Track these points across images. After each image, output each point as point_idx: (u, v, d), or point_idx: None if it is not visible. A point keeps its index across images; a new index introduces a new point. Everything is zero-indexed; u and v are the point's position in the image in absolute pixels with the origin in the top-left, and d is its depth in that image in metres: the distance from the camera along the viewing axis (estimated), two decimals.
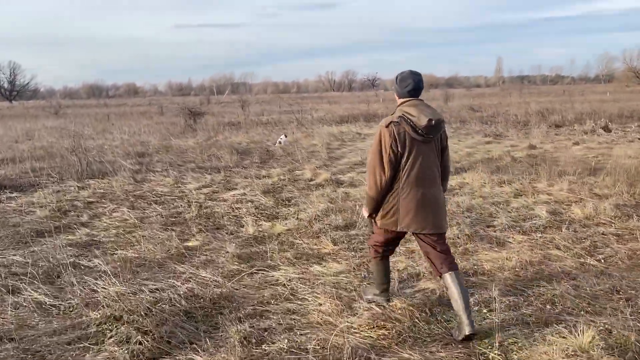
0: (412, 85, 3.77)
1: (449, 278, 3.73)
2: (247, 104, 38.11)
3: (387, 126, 3.70)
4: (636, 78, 78.47)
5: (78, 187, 9.66)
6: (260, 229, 6.63)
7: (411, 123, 3.65)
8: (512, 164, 10.74)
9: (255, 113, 32.66)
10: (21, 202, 8.46)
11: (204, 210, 7.68)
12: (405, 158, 3.69)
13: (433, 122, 3.63)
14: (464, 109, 29.08)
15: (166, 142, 16.69)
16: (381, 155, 3.70)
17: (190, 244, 6.16)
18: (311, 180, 9.79)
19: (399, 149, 3.67)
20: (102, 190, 9.38)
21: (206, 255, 5.71)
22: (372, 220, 4.05)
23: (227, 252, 5.67)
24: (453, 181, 9.13)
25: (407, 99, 3.79)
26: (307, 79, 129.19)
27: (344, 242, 5.97)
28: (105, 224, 7.10)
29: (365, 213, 4.03)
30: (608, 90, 53.66)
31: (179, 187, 9.60)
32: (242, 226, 6.82)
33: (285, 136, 16.27)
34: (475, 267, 5.09)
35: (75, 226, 7.06)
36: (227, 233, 6.57)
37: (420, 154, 3.70)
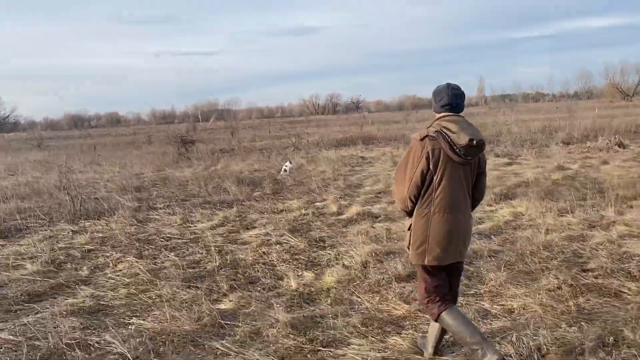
0: (447, 100, 3.35)
1: (455, 310, 3.42)
2: (236, 130, 37.17)
3: (421, 139, 3.28)
4: (620, 93, 79.09)
5: (72, 231, 8.39)
6: (303, 282, 5.45)
7: (449, 140, 3.21)
8: (555, 189, 9.69)
9: (246, 139, 31.54)
10: (7, 253, 7.18)
11: (226, 257, 6.49)
12: (438, 179, 3.26)
13: (475, 142, 3.17)
14: None
15: (162, 174, 15.47)
16: (406, 170, 3.33)
17: (223, 306, 4.97)
18: (338, 214, 8.65)
19: (431, 168, 3.24)
20: (100, 234, 8.13)
21: (249, 324, 4.50)
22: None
23: (277, 319, 4.47)
24: (503, 210, 8.05)
25: (446, 114, 3.36)
26: (291, 102, 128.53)
27: (416, 299, 4.80)
28: (112, 281, 5.86)
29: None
30: (596, 106, 53.48)
31: (189, 227, 8.39)
32: (280, 279, 5.64)
33: (290, 163, 15.15)
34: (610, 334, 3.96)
35: (74, 285, 5.82)
36: (263, 289, 5.38)
37: (456, 176, 3.29)
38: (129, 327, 4.62)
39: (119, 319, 4.84)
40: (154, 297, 5.32)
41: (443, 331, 3.57)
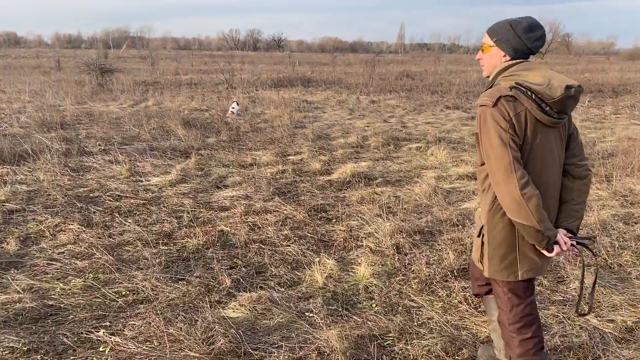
0: (541, 39, 2.30)
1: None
2: (156, 60, 34.17)
3: (494, 105, 2.20)
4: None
5: None
6: (326, 274, 4.14)
7: (535, 96, 2.21)
8: None
9: (169, 71, 28.91)
10: None
11: (207, 229, 5.01)
12: (526, 156, 2.24)
13: (572, 90, 2.18)
14: (397, 77, 27.15)
15: (84, 107, 13.23)
16: (504, 154, 2.18)
17: (232, 313, 3.57)
18: (326, 173, 7.31)
19: (519, 139, 2.22)
20: (25, 187, 6.29)
21: (282, 348, 3.16)
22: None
23: (326, 342, 3.14)
24: None
25: (520, 61, 2.32)
26: (209, 35, 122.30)
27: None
28: (57, 266, 4.23)
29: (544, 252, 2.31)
30: None
31: (140, 181, 6.73)
32: (295, 267, 4.29)
33: (238, 104, 13.44)
34: None
35: (0, 270, 4.15)
36: (278, 284, 4.02)
37: (547, 146, 2.28)
38: (99, 347, 3.13)
39: (79, 331, 3.33)
40: (125, 294, 3.81)
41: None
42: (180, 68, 32.69)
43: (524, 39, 2.28)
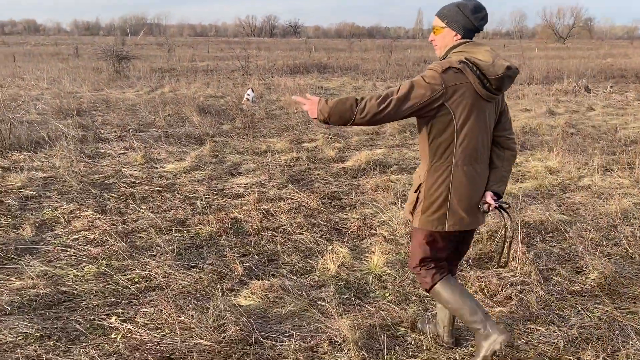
0: (485, 19, 2.60)
1: (452, 281, 2.78)
2: (172, 47, 34.24)
3: (443, 72, 2.47)
4: (554, 35, 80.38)
5: (1, 167, 6.52)
6: (339, 262, 4.10)
7: (479, 72, 2.47)
8: (569, 139, 8.68)
9: (186, 58, 28.94)
10: None
11: (220, 216, 4.99)
12: (461, 121, 2.52)
13: (511, 71, 2.48)
14: (414, 63, 26.84)
15: (101, 94, 13.29)
16: (410, 92, 2.45)
17: (244, 301, 3.55)
18: (340, 160, 7.25)
19: (451, 108, 2.48)
20: (41, 173, 6.33)
21: (292, 336, 3.13)
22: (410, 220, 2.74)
23: (337, 331, 3.11)
24: (530, 163, 6.95)
25: (467, 40, 2.59)
26: (225, 22, 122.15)
27: (514, 296, 3.58)
28: (71, 252, 4.25)
29: (311, 114, 2.63)
30: (532, 47, 53.63)
31: (154, 167, 6.74)
32: (308, 255, 4.26)
33: (253, 91, 13.39)
34: None
35: (16, 255, 4.18)
36: (291, 272, 3.99)
37: (482, 118, 2.57)
38: (111, 334, 3.14)
39: (91, 318, 3.34)
40: (137, 281, 3.81)
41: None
42: (197, 55, 32.73)
43: (472, 19, 2.55)
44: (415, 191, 2.69)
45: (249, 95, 12.91)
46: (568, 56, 33.99)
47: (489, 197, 2.64)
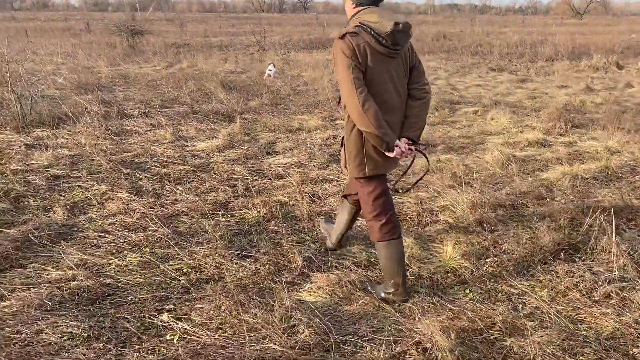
0: None
1: (397, 246, 3.04)
2: (184, 22, 33.68)
3: (342, 37, 2.73)
4: (571, 11, 78.64)
5: (25, 144, 6.15)
6: (411, 254, 3.70)
7: (372, 32, 2.73)
8: (620, 116, 8.15)
9: (198, 34, 28.35)
10: None
11: (265, 199, 4.60)
12: (369, 78, 2.77)
13: (400, 25, 2.71)
14: (429, 37, 26.07)
15: (119, 69, 12.85)
16: (348, 75, 2.70)
17: (308, 297, 3.17)
18: None
19: (364, 69, 2.75)
20: (66, 151, 5.96)
21: (373, 338, 2.75)
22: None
23: (431, 337, 2.72)
24: (585, 143, 6.50)
25: (364, 7, 2.84)
26: None
27: (613, 294, 3.17)
28: (109, 239, 3.88)
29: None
30: (548, 23, 52.30)
31: (185, 146, 6.35)
32: (368, 244, 3.86)
33: (274, 66, 12.92)
34: None
35: (50, 242, 3.82)
36: (354, 263, 3.61)
37: (385, 72, 2.81)
38: (165, 335, 2.78)
39: (141, 315, 2.98)
40: (187, 272, 3.45)
41: (351, 224, 3.54)
42: (209, 30, 32.11)
43: None
44: (341, 145, 3.05)
45: (270, 70, 12.45)
46: (589, 32, 33.08)
47: (401, 141, 2.84)
